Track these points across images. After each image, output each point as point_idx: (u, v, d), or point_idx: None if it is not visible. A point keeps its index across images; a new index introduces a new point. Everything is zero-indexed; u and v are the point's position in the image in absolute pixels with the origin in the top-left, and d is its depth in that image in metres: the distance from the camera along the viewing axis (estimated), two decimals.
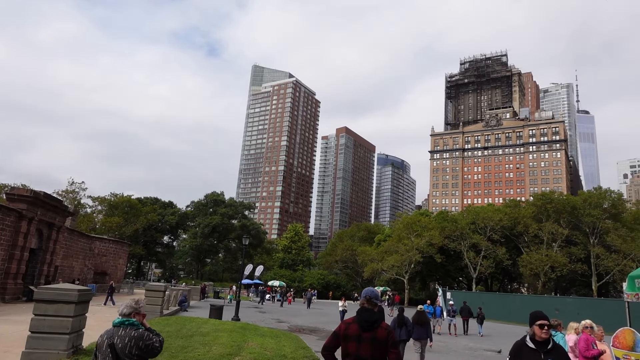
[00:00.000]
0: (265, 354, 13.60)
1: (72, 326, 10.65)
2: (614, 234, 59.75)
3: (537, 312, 5.03)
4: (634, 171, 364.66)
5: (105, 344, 4.33)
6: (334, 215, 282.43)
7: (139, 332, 4.38)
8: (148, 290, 23.57)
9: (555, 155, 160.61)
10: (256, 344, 15.22)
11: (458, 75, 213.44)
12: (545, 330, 4.84)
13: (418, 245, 67.97)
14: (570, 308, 38.73)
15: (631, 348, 7.00)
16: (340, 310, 29.92)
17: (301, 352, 14.73)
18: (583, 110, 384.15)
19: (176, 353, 12.56)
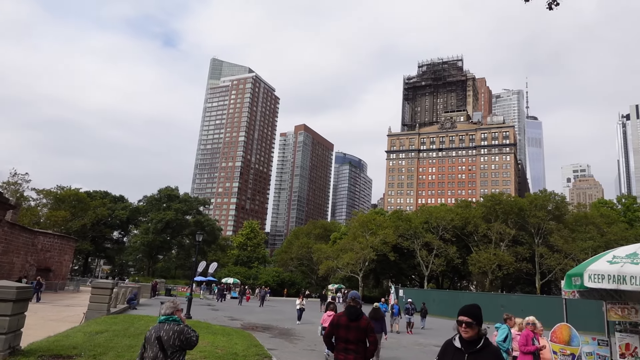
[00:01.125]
0: (216, 352, 13.39)
1: (9, 325, 10.08)
2: (556, 235, 62.90)
3: (461, 308, 4.39)
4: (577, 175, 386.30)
5: (154, 337, 5.25)
6: (290, 213, 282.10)
7: (179, 327, 5.34)
8: (94, 287, 22.63)
9: (505, 158, 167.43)
10: (207, 342, 14.95)
11: (416, 78, 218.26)
12: (464, 328, 4.21)
13: (373, 243, 68.95)
14: (515, 305, 40.48)
15: (567, 342, 7.39)
16: (298, 308, 28.58)
17: (253, 350, 14.60)
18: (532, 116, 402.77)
19: (122, 352, 12.13)
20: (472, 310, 4.28)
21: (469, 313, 4.24)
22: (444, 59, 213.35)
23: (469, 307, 4.34)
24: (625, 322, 8.53)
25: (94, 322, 18.66)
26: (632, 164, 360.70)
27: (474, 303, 4.43)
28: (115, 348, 12.59)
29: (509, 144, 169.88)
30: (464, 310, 4.29)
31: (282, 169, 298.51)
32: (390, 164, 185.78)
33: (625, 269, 6.40)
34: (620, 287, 6.59)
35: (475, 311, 4.26)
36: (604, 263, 6.87)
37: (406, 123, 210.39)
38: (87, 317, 20.55)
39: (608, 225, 63.99)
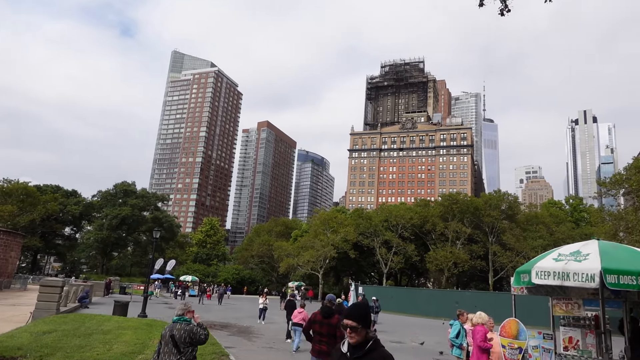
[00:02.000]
0: None
1: None
2: (509, 234, 65.43)
3: (346, 310, 4.00)
4: (529, 177, 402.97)
5: (168, 335, 6.10)
6: (252, 210, 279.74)
7: (189, 327, 6.23)
8: (43, 285, 21.63)
9: (463, 159, 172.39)
10: None
11: (378, 78, 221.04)
12: (349, 333, 3.72)
13: (333, 241, 69.43)
14: (469, 301, 41.80)
15: (515, 336, 7.71)
16: (261, 307, 27.33)
17: (210, 349, 14.39)
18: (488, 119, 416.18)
19: (71, 353, 11.67)
20: (357, 312, 3.80)
21: (353, 316, 3.75)
22: (406, 60, 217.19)
23: (354, 308, 3.87)
24: (569, 317, 8.97)
25: (42, 321, 17.86)
26: (580, 166, 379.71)
27: (362, 303, 4.02)
28: (64, 348, 12.10)
29: (466, 145, 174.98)
30: (348, 313, 3.81)
31: (244, 165, 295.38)
32: (353, 162, 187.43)
33: (569, 266, 6.72)
34: (564, 284, 6.92)
35: (360, 313, 3.79)
36: (550, 260, 7.19)
37: (368, 122, 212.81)
38: (34, 317, 19.64)
39: (557, 225, 67.09)
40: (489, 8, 5.61)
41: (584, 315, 8.87)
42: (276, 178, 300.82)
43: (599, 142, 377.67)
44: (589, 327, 8.51)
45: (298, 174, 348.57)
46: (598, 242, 7.28)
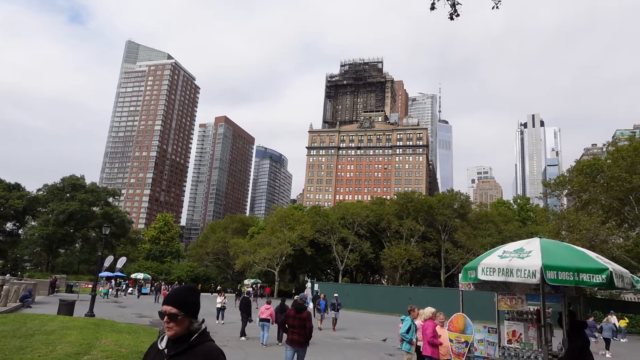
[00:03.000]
0: (120, 352, 12.70)
1: None
2: (460, 232, 67.62)
3: (167, 294, 3.21)
4: (480, 177, 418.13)
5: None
6: (208, 206, 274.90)
7: None
8: None
9: (418, 159, 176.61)
10: (111, 341, 14.13)
11: (338, 76, 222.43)
12: (167, 322, 2.98)
13: (290, 238, 69.38)
14: (421, 297, 42.90)
15: (462, 331, 8.00)
16: (219, 306, 25.89)
17: None
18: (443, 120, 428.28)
19: (10, 355, 11.06)
20: (178, 297, 3.05)
21: (172, 301, 3.00)
22: (366, 59, 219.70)
23: (174, 292, 3.12)
24: (513, 311, 9.40)
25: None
26: (527, 168, 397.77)
27: (189, 285, 3.32)
28: (2, 351, 11.46)
29: (422, 145, 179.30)
30: (167, 297, 3.07)
31: (200, 161, 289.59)
32: (311, 160, 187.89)
33: (513, 262, 7.04)
34: (508, 279, 7.24)
35: (181, 298, 3.04)
36: (496, 257, 7.51)
37: (327, 120, 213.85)
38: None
39: (505, 223, 69.97)
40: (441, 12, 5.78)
41: (527, 310, 9.32)
42: (233, 174, 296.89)
43: (545, 145, 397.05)
44: (531, 320, 8.96)
45: (256, 170, 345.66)
46: (540, 240, 7.66)
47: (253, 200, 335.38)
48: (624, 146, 41.88)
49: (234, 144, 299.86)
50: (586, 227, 37.28)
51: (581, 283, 6.81)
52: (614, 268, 7.03)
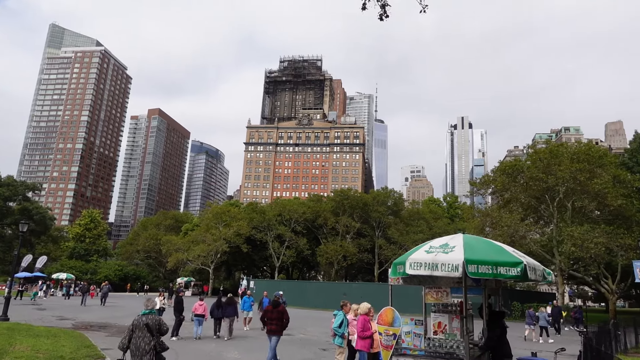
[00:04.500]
0: (37, 357, 11.87)
1: None
2: (394, 228, 69.79)
3: None
4: (413, 175, 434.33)
5: (142, 323, 7.59)
6: (139, 202, 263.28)
7: (157, 317, 7.90)
8: None
9: (355, 157, 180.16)
10: (26, 346, 13.16)
11: (277, 73, 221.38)
12: None
13: (226, 235, 68.25)
14: (355, 292, 43.91)
15: (390, 324, 8.29)
16: (158, 307, 23.95)
17: (84, 352, 13.30)
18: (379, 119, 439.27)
19: None
20: None
21: None
22: (305, 57, 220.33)
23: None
24: (439, 304, 9.86)
25: None
26: (457, 167, 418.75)
27: None
28: None
29: (358, 143, 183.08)
30: None
31: (131, 154, 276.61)
32: (248, 156, 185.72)
33: (438, 257, 7.39)
34: (433, 273, 7.59)
35: None
36: (422, 253, 7.84)
37: (266, 116, 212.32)
38: None
39: (435, 220, 73.14)
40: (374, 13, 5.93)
41: (452, 302, 9.82)
42: (167, 169, 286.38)
43: (473, 146, 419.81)
44: (455, 312, 9.44)
45: (191, 165, 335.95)
46: (463, 235, 8.10)
47: (188, 196, 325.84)
48: (542, 149, 45.19)
49: (168, 137, 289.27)
50: (507, 224, 39.81)
51: (499, 276, 7.28)
52: (528, 261, 7.58)
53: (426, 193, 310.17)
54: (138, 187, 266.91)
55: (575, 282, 62.98)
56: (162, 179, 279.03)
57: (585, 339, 10.26)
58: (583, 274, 43.20)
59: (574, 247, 36.67)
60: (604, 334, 14.66)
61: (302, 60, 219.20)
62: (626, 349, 19.16)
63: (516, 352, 10.12)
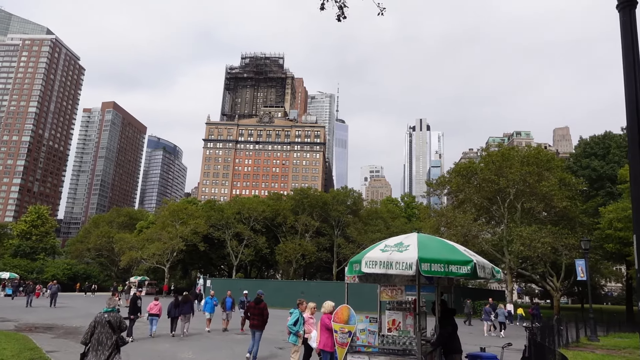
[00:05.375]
0: None
1: None
2: (352, 227, 70.50)
3: None
4: (372, 175, 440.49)
5: (104, 320, 7.96)
6: (91, 198, 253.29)
7: (119, 315, 8.33)
8: None
9: (315, 156, 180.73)
10: None
11: (238, 69, 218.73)
12: None
13: (183, 233, 66.85)
14: (313, 291, 44.08)
15: (346, 321, 8.38)
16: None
17: (27, 354, 12.68)
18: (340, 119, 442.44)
19: None
20: None
21: None
22: (267, 54, 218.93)
23: None
24: (394, 302, 10.06)
25: None
26: (414, 168, 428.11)
27: None
28: None
29: (319, 142, 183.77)
30: None
31: (83, 149, 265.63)
32: (207, 152, 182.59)
33: (393, 256, 7.54)
34: (388, 272, 7.74)
35: None
36: (378, 251, 7.97)
37: (226, 113, 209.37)
38: None
39: (393, 220, 74.47)
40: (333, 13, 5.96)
41: (406, 300, 10.05)
42: (122, 165, 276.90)
43: (430, 147, 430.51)
44: (408, 309, 9.66)
45: (147, 161, 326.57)
46: (417, 234, 8.30)
47: (143, 193, 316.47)
48: (494, 152, 46.95)
49: (123, 132, 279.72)
50: (461, 224, 41.13)
51: (450, 274, 7.51)
52: (477, 260, 7.86)
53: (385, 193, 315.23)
54: (90, 182, 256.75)
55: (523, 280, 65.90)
56: (116, 174, 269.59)
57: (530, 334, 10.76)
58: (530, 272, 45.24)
59: (522, 247, 38.33)
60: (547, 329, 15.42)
61: (264, 58, 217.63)
62: (568, 343, 20.23)
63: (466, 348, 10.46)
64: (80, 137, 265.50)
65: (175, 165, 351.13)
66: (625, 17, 4.47)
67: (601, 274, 55.29)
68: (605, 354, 18.38)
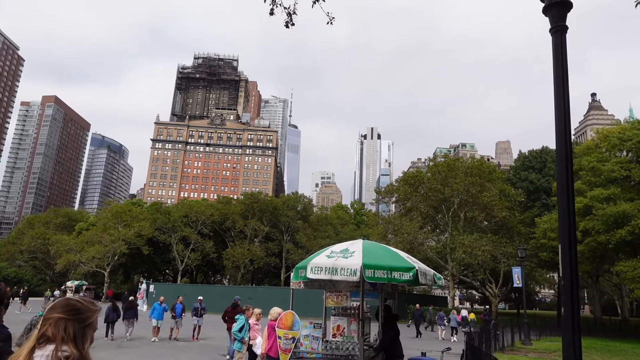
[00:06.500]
0: None
1: None
2: (302, 233, 70.59)
3: None
4: (323, 181, 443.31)
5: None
6: (26, 197, 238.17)
7: None
8: None
9: (267, 160, 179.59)
10: None
11: (191, 69, 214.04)
12: None
13: (125, 236, 64.32)
14: (261, 296, 43.69)
15: (290, 327, 8.35)
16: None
17: None
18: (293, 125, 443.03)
19: None
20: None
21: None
22: (221, 55, 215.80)
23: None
24: (339, 307, 10.16)
25: None
26: (365, 176, 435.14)
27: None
28: None
29: (271, 147, 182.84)
30: None
31: (19, 144, 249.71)
32: (155, 153, 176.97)
33: (338, 262, 7.62)
34: (333, 278, 7.81)
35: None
36: (324, 257, 8.03)
37: (176, 113, 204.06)
38: None
39: (342, 226, 75.27)
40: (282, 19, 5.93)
41: (351, 306, 10.17)
42: (62, 162, 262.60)
43: (380, 156, 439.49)
44: (353, 315, 9.77)
45: (90, 160, 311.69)
46: (363, 241, 8.44)
47: (84, 193, 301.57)
48: (441, 162, 48.62)
49: (65, 128, 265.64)
50: (408, 231, 42.22)
51: (393, 280, 7.68)
52: (419, 267, 8.09)
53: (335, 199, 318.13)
54: (26, 180, 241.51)
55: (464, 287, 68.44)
56: (55, 172, 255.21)
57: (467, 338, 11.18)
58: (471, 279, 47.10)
59: (464, 254, 39.84)
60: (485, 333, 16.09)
61: (217, 59, 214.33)
62: (504, 347, 21.18)
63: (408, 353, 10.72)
64: (17, 132, 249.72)
65: (120, 165, 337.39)
66: (557, 41, 4.77)
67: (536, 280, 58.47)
68: (537, 357, 19.41)
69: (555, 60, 4.71)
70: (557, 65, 4.70)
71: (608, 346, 26.28)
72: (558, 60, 4.70)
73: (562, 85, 4.63)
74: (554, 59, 4.73)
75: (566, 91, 4.62)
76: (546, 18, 4.87)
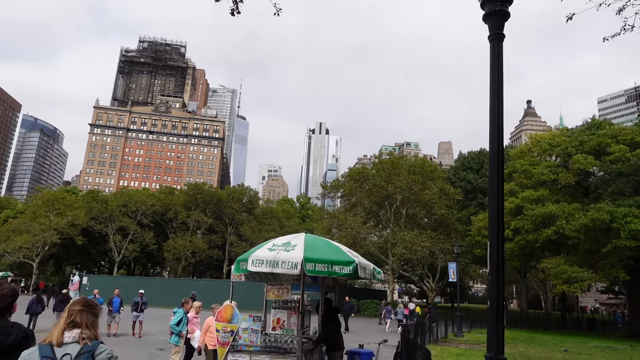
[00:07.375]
0: None
1: None
2: (247, 225, 69.88)
3: None
4: (270, 174, 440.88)
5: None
6: None
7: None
8: None
9: (213, 151, 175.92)
10: None
11: (135, 52, 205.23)
12: None
13: (58, 225, 60.86)
14: (203, 289, 42.74)
15: (229, 320, 8.28)
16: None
17: None
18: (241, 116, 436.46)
19: None
20: None
21: None
22: (168, 41, 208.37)
23: None
24: (280, 300, 10.17)
25: None
26: (312, 170, 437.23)
27: None
28: None
29: (218, 137, 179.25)
30: None
31: None
32: (94, 139, 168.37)
33: (280, 255, 7.63)
34: (274, 271, 7.81)
35: None
36: (265, 250, 8.01)
37: (118, 98, 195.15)
38: None
39: (287, 220, 75.29)
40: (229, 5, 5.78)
41: (292, 299, 10.22)
42: None
43: (328, 151, 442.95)
44: (293, 308, 9.82)
45: (20, 143, 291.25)
46: (305, 235, 8.49)
47: (12, 179, 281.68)
48: (385, 160, 49.80)
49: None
50: (351, 226, 42.97)
51: (333, 274, 7.79)
52: (359, 261, 8.25)
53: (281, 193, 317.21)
54: None
55: (404, 281, 70.73)
56: None
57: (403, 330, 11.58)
58: (410, 273, 48.74)
59: (404, 250, 41.13)
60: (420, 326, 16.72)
61: (164, 44, 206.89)
62: (437, 339, 22.12)
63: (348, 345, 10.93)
64: None
65: (54, 150, 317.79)
66: (494, 48, 5.01)
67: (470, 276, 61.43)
68: (468, 348, 20.44)
69: (492, 67, 4.95)
70: (493, 72, 4.94)
71: (532, 337, 28.14)
72: (495, 67, 4.95)
73: (497, 90, 4.88)
74: (491, 65, 4.97)
75: (501, 97, 4.87)
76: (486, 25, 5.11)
